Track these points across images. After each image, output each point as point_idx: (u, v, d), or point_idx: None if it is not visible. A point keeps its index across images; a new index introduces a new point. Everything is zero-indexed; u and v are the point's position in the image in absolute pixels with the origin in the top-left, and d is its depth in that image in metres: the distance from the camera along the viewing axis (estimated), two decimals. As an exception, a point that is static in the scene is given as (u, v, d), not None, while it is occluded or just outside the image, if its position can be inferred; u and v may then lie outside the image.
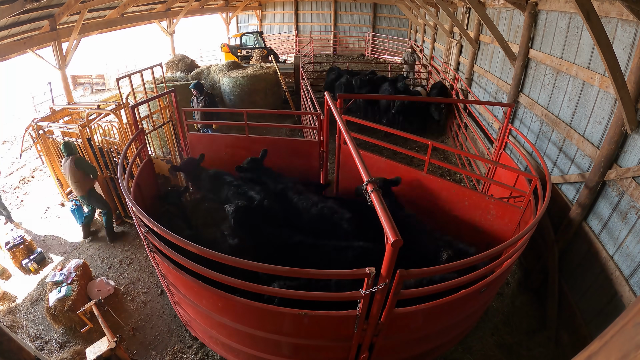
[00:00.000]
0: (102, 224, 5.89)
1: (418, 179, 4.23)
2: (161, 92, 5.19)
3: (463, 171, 4.21)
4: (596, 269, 3.38)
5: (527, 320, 4.01)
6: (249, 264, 2.07)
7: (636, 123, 3.03)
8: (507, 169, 3.95)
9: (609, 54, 2.88)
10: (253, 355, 2.78)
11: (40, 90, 13.91)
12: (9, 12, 5.36)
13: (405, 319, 2.42)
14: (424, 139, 3.96)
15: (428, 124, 9.08)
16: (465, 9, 9.08)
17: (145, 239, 2.71)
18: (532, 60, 5.21)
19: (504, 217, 3.69)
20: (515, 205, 3.60)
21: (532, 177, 3.43)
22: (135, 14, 11.52)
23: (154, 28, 13.90)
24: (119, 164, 3.34)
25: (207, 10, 16.64)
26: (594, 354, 0.53)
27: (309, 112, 5.68)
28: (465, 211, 3.99)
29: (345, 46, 21.31)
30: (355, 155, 2.44)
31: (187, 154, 5.18)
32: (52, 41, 7.97)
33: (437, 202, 4.17)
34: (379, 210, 1.90)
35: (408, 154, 4.19)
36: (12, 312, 4.34)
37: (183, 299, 2.80)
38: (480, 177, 4.83)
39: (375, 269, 1.93)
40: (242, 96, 9.95)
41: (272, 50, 15.99)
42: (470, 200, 3.91)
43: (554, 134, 4.54)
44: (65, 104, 6.98)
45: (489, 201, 3.75)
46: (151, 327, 4.02)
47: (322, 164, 4.86)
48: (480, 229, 3.91)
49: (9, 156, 9.22)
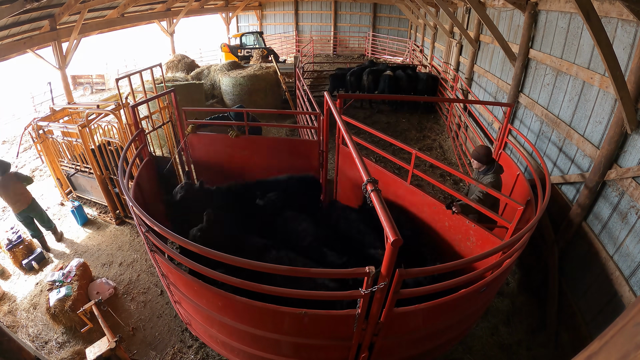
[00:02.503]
0: (102, 222, 5.89)
1: (402, 190, 3.91)
2: (161, 92, 5.18)
3: (449, 190, 3.53)
4: (596, 269, 3.38)
5: (527, 320, 4.01)
6: (249, 264, 2.07)
7: (636, 123, 3.03)
8: (494, 192, 3.25)
9: (609, 54, 2.88)
10: (253, 354, 2.78)
11: (40, 90, 13.91)
12: (9, 12, 5.36)
13: (404, 319, 2.42)
14: (408, 147, 3.64)
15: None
16: (465, 9, 9.08)
17: (145, 239, 2.71)
18: (532, 60, 5.22)
19: (484, 247, 3.15)
20: (496, 236, 3.08)
21: (518, 206, 2.92)
22: (135, 14, 11.52)
23: (154, 28, 13.91)
24: (119, 164, 3.34)
25: (207, 10, 16.64)
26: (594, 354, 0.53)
27: (310, 112, 5.67)
28: (446, 232, 3.56)
29: (345, 46, 21.32)
30: (356, 155, 2.44)
31: (187, 154, 5.19)
32: (52, 41, 7.97)
33: (420, 217, 3.80)
34: (378, 210, 1.90)
35: (395, 161, 3.81)
36: (12, 312, 4.34)
37: (183, 298, 2.80)
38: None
39: (375, 268, 1.94)
40: (242, 96, 9.95)
41: (272, 50, 15.99)
42: (451, 222, 3.46)
43: (554, 134, 4.54)
44: (65, 104, 6.99)
45: (469, 226, 3.27)
46: (151, 327, 4.02)
47: (322, 163, 4.86)
48: (459, 256, 3.44)
49: (9, 156, 9.22)
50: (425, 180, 5.93)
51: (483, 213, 3.10)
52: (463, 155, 7.35)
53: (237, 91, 9.96)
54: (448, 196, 5.96)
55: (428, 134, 9.22)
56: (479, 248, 3.22)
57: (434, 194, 4.52)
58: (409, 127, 9.61)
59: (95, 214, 6.02)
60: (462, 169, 7.06)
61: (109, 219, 5.86)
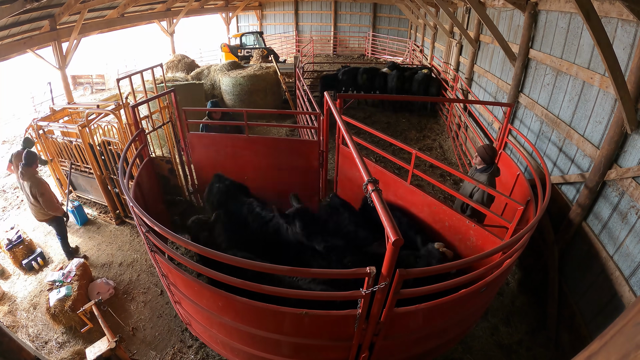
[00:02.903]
0: (102, 222, 5.90)
1: (402, 190, 3.90)
2: (161, 92, 5.18)
3: (449, 190, 3.64)
4: (596, 269, 3.38)
5: (527, 320, 4.01)
6: (249, 264, 2.07)
7: (636, 123, 3.03)
8: (493, 191, 3.29)
9: (609, 54, 2.88)
10: (253, 354, 2.78)
11: (40, 90, 13.91)
12: (9, 12, 5.36)
13: (405, 319, 2.42)
14: (408, 147, 3.64)
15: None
16: (465, 9, 9.08)
17: (145, 239, 2.71)
18: (532, 60, 5.22)
19: (483, 247, 3.17)
20: (496, 236, 3.10)
21: (518, 206, 2.93)
22: (135, 14, 11.53)
23: (154, 28, 13.92)
24: (119, 164, 3.34)
25: (207, 10, 16.66)
26: (594, 354, 0.53)
27: (310, 112, 5.67)
28: (446, 233, 3.55)
29: (345, 46, 21.32)
30: (356, 155, 2.44)
31: (187, 154, 5.19)
32: (52, 41, 7.98)
33: (419, 218, 3.80)
34: (379, 210, 1.90)
35: (395, 162, 3.79)
36: (12, 312, 4.34)
37: (183, 298, 2.80)
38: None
39: (375, 268, 1.94)
40: (242, 96, 9.96)
41: (272, 50, 16.00)
42: (451, 222, 3.47)
43: (554, 134, 4.54)
44: (65, 104, 6.99)
45: (469, 226, 3.29)
46: (151, 327, 4.02)
47: (321, 163, 4.86)
48: (460, 256, 3.43)
49: (9, 156, 9.20)
50: (425, 180, 5.93)
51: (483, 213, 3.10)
52: (463, 155, 7.35)
53: (237, 91, 9.97)
54: (448, 196, 5.97)
55: (428, 134, 9.23)
56: (479, 248, 3.22)
57: (434, 193, 4.52)
58: (409, 127, 9.61)
59: (95, 214, 6.02)
60: (462, 169, 7.07)
61: (109, 219, 5.86)
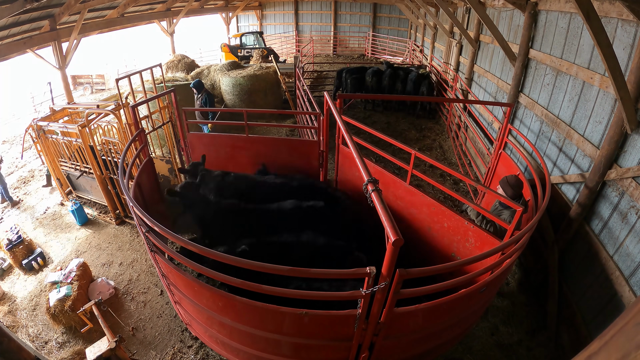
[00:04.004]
0: (102, 222, 5.90)
1: (401, 190, 3.89)
2: (160, 92, 5.18)
3: (448, 190, 3.45)
4: (596, 269, 3.38)
5: (527, 320, 4.01)
6: (249, 264, 2.07)
7: (636, 123, 3.03)
8: (491, 192, 3.31)
9: (609, 54, 2.88)
10: (253, 354, 2.78)
11: (40, 90, 13.91)
12: (9, 12, 5.36)
13: (405, 319, 2.42)
14: (407, 148, 3.58)
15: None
16: (465, 9, 9.08)
17: (145, 239, 2.71)
18: (532, 60, 5.22)
19: (482, 248, 3.12)
20: (495, 237, 3.07)
21: (517, 207, 2.82)
22: (135, 14, 11.53)
23: (154, 28, 13.92)
24: (119, 164, 3.34)
25: (207, 10, 16.66)
26: (594, 354, 0.53)
27: (310, 112, 5.67)
28: (445, 234, 3.52)
29: (345, 46, 21.32)
30: (356, 155, 2.44)
31: (187, 154, 5.19)
32: (52, 41, 7.98)
33: (418, 218, 3.78)
34: (379, 209, 1.90)
35: (395, 162, 3.75)
36: (12, 312, 4.34)
37: (183, 299, 2.80)
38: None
39: (375, 269, 1.94)
40: (242, 96, 9.95)
41: (272, 50, 16.00)
42: (450, 223, 3.42)
43: (554, 134, 4.54)
44: (65, 104, 6.98)
45: (467, 227, 3.24)
46: (151, 327, 4.02)
47: (321, 163, 4.86)
48: (457, 257, 3.41)
49: (9, 156, 9.22)
50: (424, 181, 5.93)
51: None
52: (463, 155, 7.35)
53: (237, 91, 9.97)
54: (448, 196, 5.97)
55: (428, 134, 9.23)
56: (478, 249, 3.21)
57: (433, 194, 4.52)
58: (409, 127, 9.61)
59: (95, 214, 6.02)
60: (462, 169, 7.07)
61: (109, 219, 5.86)
